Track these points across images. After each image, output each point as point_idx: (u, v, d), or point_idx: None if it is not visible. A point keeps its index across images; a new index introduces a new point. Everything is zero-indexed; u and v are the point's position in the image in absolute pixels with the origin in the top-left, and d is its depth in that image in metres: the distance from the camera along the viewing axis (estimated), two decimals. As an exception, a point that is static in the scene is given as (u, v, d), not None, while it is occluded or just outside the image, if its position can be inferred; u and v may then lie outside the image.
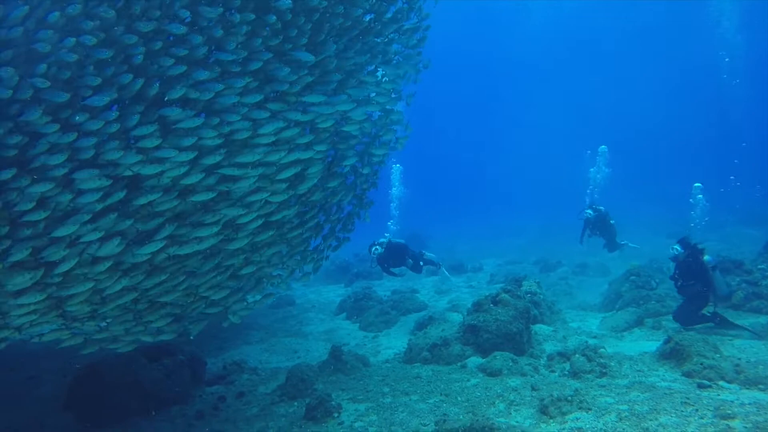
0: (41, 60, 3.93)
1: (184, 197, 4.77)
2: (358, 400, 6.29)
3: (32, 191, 3.91)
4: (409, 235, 22.16)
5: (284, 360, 8.71)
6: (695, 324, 8.09)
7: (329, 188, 6.28)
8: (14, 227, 3.96)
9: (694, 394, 5.40)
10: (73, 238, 4.19)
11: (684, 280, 8.35)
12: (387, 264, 11.25)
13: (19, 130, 3.91)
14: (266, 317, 12.02)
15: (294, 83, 5.05)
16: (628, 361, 6.72)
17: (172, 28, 4.40)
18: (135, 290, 4.82)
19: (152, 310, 5.21)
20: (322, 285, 17.68)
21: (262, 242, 5.63)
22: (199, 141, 4.61)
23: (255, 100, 4.85)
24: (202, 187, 4.84)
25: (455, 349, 7.52)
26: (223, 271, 5.46)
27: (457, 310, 10.62)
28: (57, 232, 4.06)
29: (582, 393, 5.45)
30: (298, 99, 5.20)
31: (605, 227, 13.46)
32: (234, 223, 5.18)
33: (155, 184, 4.57)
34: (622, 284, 10.51)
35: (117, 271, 4.60)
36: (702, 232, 19.93)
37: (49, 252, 4.05)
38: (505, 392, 6.02)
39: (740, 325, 7.90)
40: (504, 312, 7.66)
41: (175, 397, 6.61)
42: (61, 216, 4.17)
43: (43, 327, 4.66)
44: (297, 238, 6.20)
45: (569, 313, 10.27)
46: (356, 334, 10.30)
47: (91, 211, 4.20)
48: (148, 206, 4.57)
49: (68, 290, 4.31)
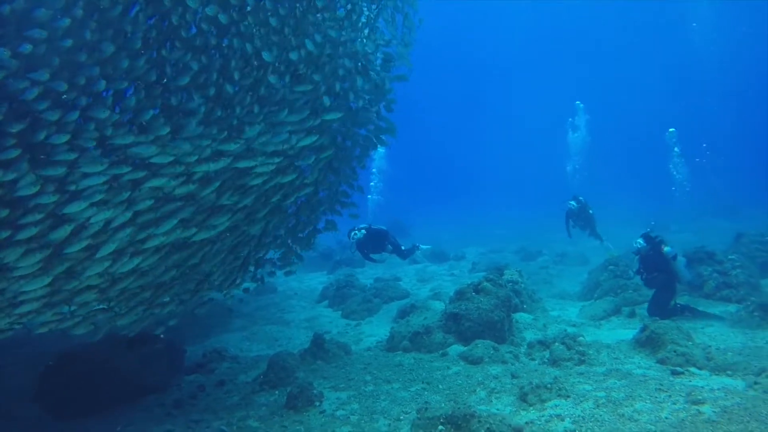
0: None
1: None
2: (339, 388, 6.31)
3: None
4: (391, 223, 22.22)
5: (265, 348, 8.70)
6: (671, 316, 8.32)
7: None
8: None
9: (667, 380, 5.54)
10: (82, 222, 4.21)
11: (648, 273, 8.73)
12: (366, 250, 11.21)
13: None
14: (247, 304, 11.96)
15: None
16: (606, 349, 6.86)
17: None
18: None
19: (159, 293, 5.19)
20: (304, 272, 17.63)
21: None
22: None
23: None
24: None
25: (437, 337, 7.58)
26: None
27: (439, 298, 10.70)
28: (67, 209, 4.05)
29: (561, 380, 5.55)
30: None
31: (586, 217, 13.73)
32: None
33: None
34: (600, 273, 10.71)
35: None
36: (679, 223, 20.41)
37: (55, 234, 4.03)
38: (486, 380, 6.10)
39: (711, 313, 8.28)
40: (486, 300, 7.74)
41: (152, 385, 6.54)
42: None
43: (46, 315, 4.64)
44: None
45: (549, 302, 10.42)
46: (338, 321, 10.32)
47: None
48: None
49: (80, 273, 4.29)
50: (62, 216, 4.13)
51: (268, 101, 5.20)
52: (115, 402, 6.15)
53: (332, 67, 5.71)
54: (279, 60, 5.23)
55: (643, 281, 8.96)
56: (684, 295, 9.34)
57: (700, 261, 9.66)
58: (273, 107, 5.18)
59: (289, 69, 5.32)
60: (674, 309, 8.42)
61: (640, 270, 8.88)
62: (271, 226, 6.12)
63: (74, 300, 4.63)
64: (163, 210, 4.71)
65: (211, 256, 5.52)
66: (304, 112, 5.33)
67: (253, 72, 5.09)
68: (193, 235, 4.96)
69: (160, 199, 4.68)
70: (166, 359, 6.92)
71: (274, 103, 5.22)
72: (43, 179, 3.94)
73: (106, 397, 6.11)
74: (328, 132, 6.02)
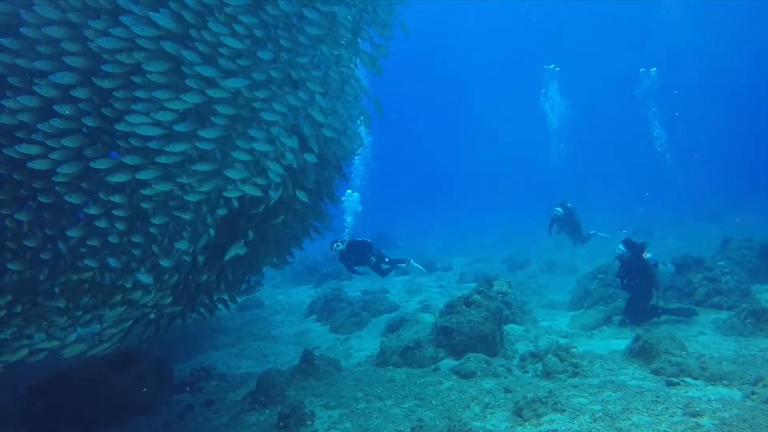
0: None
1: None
2: (331, 406, 6.17)
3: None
4: (376, 235, 22.12)
5: (254, 365, 8.51)
6: (647, 319, 8.52)
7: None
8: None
9: (663, 392, 5.49)
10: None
11: (629, 278, 8.85)
12: (349, 262, 11.03)
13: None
14: (234, 320, 11.75)
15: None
16: (599, 360, 6.81)
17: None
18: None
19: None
20: (290, 286, 17.45)
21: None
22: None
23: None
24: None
25: (428, 352, 7.48)
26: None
27: (428, 310, 10.59)
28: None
29: (556, 394, 5.48)
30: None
31: (573, 224, 13.78)
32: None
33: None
34: (589, 282, 10.69)
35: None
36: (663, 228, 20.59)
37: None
38: (479, 395, 6.00)
39: (684, 308, 8.69)
40: (477, 313, 7.66)
41: (140, 406, 6.35)
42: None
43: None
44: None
45: (539, 312, 10.38)
46: (327, 336, 10.16)
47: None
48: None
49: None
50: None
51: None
52: (103, 423, 5.95)
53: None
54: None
55: (621, 285, 9.08)
56: (674, 302, 9.36)
57: (689, 268, 9.69)
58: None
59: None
60: (650, 311, 8.58)
61: (621, 274, 9.01)
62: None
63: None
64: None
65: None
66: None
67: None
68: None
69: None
70: (153, 378, 6.73)
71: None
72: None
73: (93, 417, 5.91)
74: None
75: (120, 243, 4.68)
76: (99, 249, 4.66)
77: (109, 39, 4.11)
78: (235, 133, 4.86)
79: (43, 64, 4.09)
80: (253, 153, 4.94)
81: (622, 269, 8.95)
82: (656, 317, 8.51)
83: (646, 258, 8.69)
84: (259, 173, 5.12)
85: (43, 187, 4.36)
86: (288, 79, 5.11)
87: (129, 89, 4.30)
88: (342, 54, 5.65)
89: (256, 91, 4.80)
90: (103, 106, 4.28)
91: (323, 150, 5.97)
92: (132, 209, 4.64)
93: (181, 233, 4.94)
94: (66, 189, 4.38)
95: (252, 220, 5.67)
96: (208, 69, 4.44)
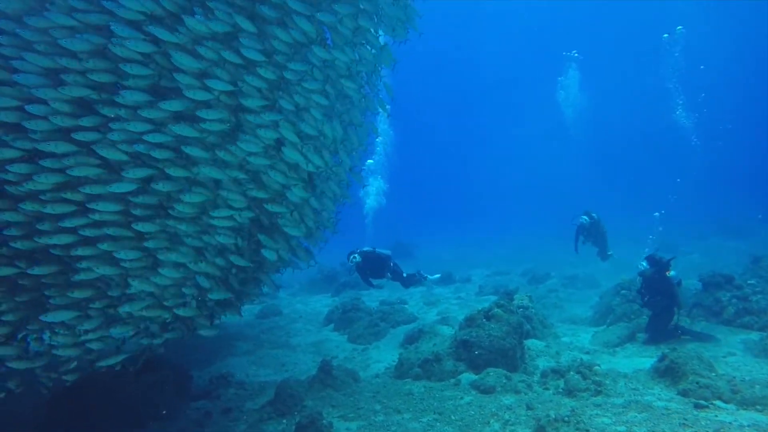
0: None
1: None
2: (349, 418, 6.11)
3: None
4: (393, 245, 22.03)
5: (272, 373, 8.50)
6: (667, 339, 8.30)
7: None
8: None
9: (691, 414, 5.32)
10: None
11: (651, 295, 8.65)
12: (365, 274, 10.84)
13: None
14: (253, 327, 11.78)
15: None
16: (623, 379, 6.64)
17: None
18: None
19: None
20: (308, 294, 17.45)
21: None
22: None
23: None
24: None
25: (448, 365, 7.38)
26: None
27: (447, 322, 10.49)
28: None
29: (578, 413, 5.34)
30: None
31: (598, 234, 13.47)
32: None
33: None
34: (612, 298, 10.48)
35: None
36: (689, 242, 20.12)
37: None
38: (499, 411, 5.89)
39: (707, 334, 8.37)
40: (497, 327, 7.55)
41: (159, 413, 6.37)
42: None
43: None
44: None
45: (560, 327, 10.20)
46: (345, 346, 10.11)
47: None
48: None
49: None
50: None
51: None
52: (122, 429, 5.97)
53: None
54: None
55: (644, 303, 8.88)
56: (701, 320, 9.12)
57: (718, 286, 9.42)
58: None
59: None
60: (671, 331, 8.38)
61: (642, 291, 8.83)
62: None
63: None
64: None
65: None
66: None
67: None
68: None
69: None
70: (172, 386, 6.75)
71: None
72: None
73: (112, 425, 5.93)
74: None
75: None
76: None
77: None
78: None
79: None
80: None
81: (644, 286, 8.77)
82: (676, 338, 8.29)
83: (669, 276, 8.50)
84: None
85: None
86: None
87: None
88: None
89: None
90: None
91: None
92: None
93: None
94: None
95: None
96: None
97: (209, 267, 5.25)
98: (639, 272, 8.81)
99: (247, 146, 5.01)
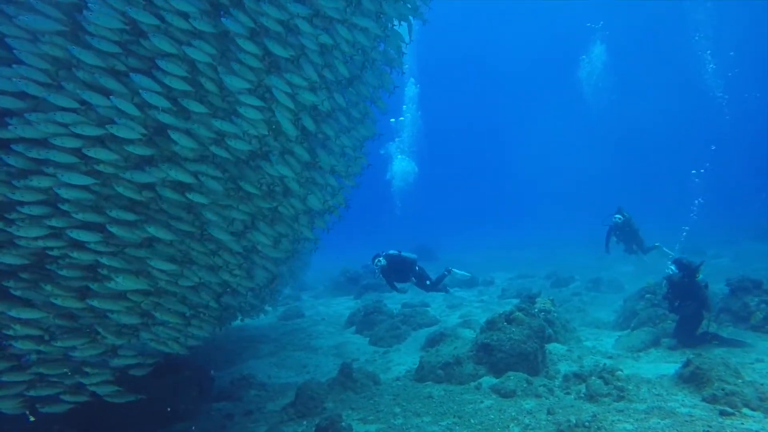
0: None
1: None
2: (368, 420, 6.16)
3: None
4: (416, 247, 22.03)
5: (293, 375, 8.60)
6: (698, 345, 8.12)
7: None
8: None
9: (716, 422, 5.21)
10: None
11: (681, 300, 8.48)
12: (390, 278, 10.78)
13: None
14: (275, 329, 11.94)
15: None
16: (646, 384, 6.53)
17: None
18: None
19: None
20: (331, 296, 17.59)
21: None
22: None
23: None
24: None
25: (468, 368, 7.37)
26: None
27: (468, 326, 10.47)
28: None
29: (600, 418, 5.30)
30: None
31: (631, 233, 13.36)
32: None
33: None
34: (636, 302, 10.30)
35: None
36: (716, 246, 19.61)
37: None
38: (519, 415, 5.87)
39: (739, 340, 8.12)
40: (518, 331, 7.51)
41: (181, 413, 6.51)
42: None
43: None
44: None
45: (583, 331, 10.07)
46: (366, 348, 10.16)
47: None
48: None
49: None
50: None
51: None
52: (144, 429, 6.11)
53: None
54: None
55: (671, 308, 8.70)
56: (728, 326, 8.91)
57: (746, 290, 9.19)
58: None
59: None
60: (702, 337, 8.22)
61: (669, 296, 8.65)
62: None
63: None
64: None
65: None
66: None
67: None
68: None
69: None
70: (195, 386, 6.88)
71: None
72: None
73: (135, 423, 6.08)
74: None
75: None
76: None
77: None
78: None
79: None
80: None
81: (671, 290, 8.60)
82: (707, 343, 8.12)
83: (698, 279, 8.34)
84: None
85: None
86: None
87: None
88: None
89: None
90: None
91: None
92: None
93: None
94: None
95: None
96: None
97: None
98: (666, 277, 8.64)
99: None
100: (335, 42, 5.72)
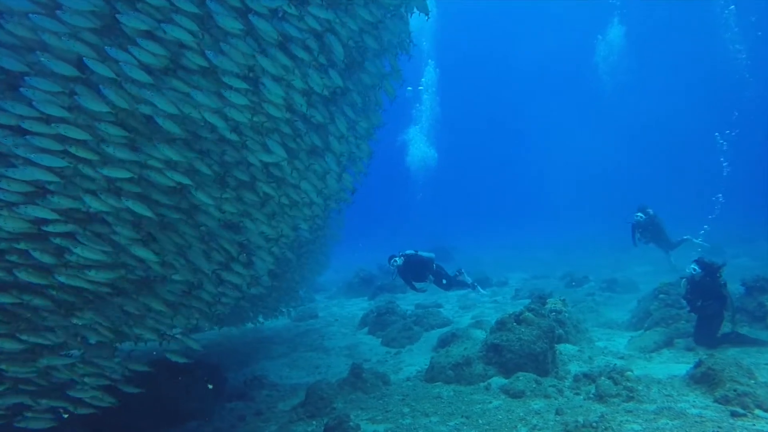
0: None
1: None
2: (377, 420, 6.21)
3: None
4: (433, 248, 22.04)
5: (305, 375, 8.70)
6: (720, 345, 8.00)
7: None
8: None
9: (727, 423, 5.16)
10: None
11: (704, 300, 8.32)
12: (407, 278, 10.85)
13: None
14: (289, 330, 12.08)
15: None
16: (657, 385, 6.48)
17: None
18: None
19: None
20: (345, 298, 17.70)
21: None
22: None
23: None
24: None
25: (477, 369, 7.39)
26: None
27: (481, 326, 10.45)
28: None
29: (608, 419, 5.27)
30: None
31: (656, 230, 13.22)
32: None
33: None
34: (650, 302, 10.19)
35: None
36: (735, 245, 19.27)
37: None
38: (527, 416, 5.87)
39: (760, 339, 7.96)
40: (527, 331, 7.50)
41: (194, 412, 6.64)
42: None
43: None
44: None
45: (596, 332, 10.00)
46: (378, 349, 10.22)
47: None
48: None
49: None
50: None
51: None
52: (157, 428, 6.25)
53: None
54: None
55: (693, 308, 8.51)
56: (744, 326, 8.77)
57: (762, 290, 9.04)
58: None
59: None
60: (724, 337, 8.10)
61: (688, 296, 8.49)
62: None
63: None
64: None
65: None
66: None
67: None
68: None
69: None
70: (207, 386, 7.01)
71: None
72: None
73: (147, 422, 6.22)
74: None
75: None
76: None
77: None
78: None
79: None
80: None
81: (691, 290, 8.46)
82: (730, 343, 7.98)
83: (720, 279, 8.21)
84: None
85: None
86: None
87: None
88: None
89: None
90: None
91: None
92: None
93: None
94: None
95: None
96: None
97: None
98: (686, 276, 8.50)
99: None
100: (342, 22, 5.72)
